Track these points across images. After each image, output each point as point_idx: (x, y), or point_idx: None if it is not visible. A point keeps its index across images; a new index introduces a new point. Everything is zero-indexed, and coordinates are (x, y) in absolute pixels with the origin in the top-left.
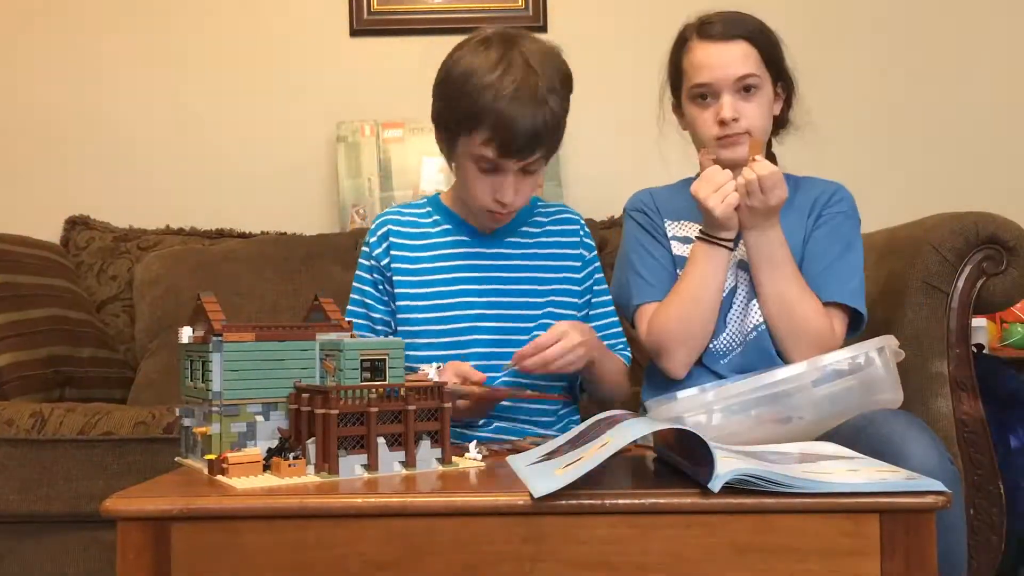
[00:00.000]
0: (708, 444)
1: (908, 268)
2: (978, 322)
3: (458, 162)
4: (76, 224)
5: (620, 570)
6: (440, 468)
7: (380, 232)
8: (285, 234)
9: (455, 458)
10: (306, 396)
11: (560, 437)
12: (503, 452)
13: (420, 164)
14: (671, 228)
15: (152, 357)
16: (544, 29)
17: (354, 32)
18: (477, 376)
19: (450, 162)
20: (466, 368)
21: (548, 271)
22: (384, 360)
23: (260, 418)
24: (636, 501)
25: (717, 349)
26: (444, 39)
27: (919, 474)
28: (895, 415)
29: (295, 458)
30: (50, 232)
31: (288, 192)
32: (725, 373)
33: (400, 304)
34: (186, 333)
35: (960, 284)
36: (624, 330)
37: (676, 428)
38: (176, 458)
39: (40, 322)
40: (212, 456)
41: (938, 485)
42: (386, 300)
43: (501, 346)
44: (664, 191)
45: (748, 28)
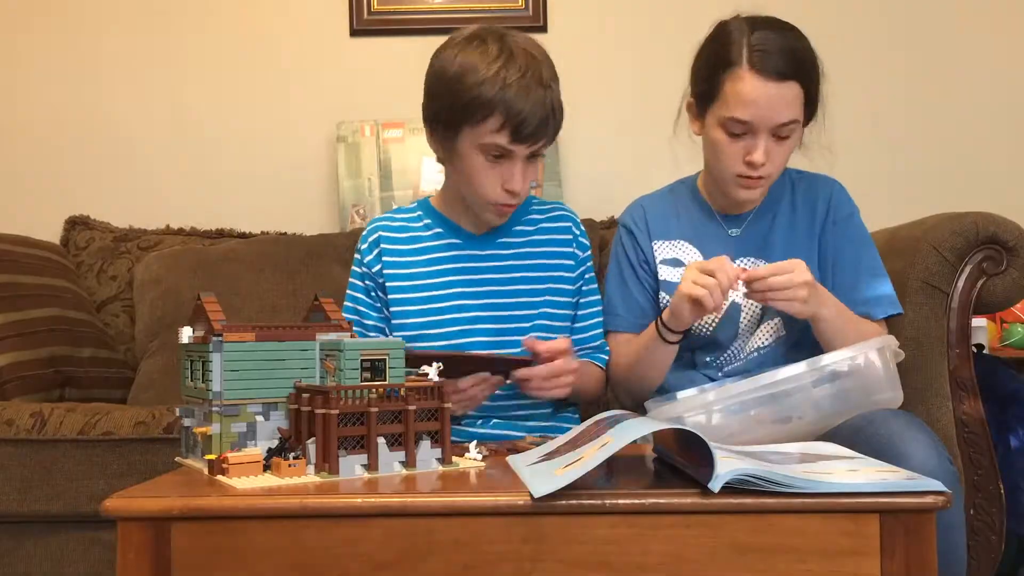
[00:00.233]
0: (708, 444)
1: (908, 268)
2: (978, 322)
3: (461, 157)
4: (76, 224)
5: (620, 570)
6: (440, 468)
7: (371, 239)
8: (285, 234)
9: (455, 458)
10: (306, 396)
11: (560, 437)
12: (503, 452)
13: (420, 164)
14: (660, 250)
15: (152, 357)
16: (544, 29)
17: (354, 32)
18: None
19: (445, 162)
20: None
21: (542, 270)
22: (384, 360)
23: (260, 418)
24: (636, 501)
25: (718, 363)
26: (444, 39)
27: (919, 474)
28: (895, 415)
29: (295, 458)
30: (50, 232)
31: (288, 192)
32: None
33: (394, 310)
34: (186, 333)
35: (960, 284)
36: None
37: (676, 428)
38: (176, 458)
39: (40, 322)
40: (212, 456)
41: (938, 485)
42: (379, 307)
43: (497, 347)
44: (659, 203)
45: (804, 66)
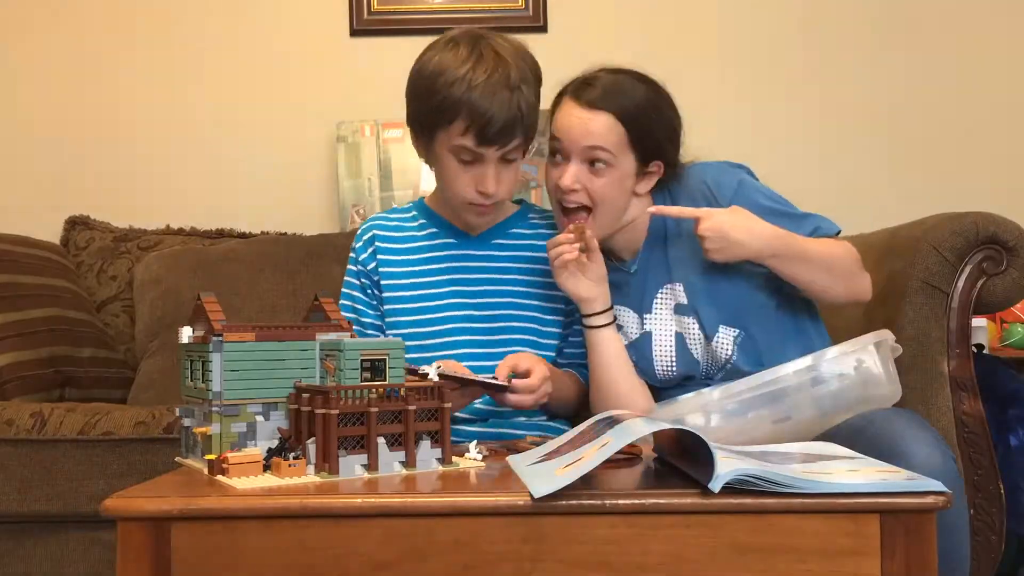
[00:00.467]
0: (708, 444)
1: (908, 268)
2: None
3: (437, 159)
4: (76, 224)
5: (620, 570)
6: (440, 468)
7: (365, 238)
8: (285, 234)
9: (455, 458)
10: (306, 396)
11: (560, 437)
12: (503, 452)
13: (420, 164)
14: None
15: (152, 357)
16: (544, 29)
17: (354, 32)
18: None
19: (429, 163)
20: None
21: (536, 274)
22: (384, 360)
23: (260, 418)
24: (636, 501)
25: (699, 380)
26: None
27: (921, 474)
28: (897, 414)
29: (295, 458)
30: (50, 232)
31: (288, 192)
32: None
33: (388, 308)
34: (186, 333)
35: (960, 284)
36: None
37: (676, 428)
38: (176, 458)
39: (40, 322)
40: (212, 456)
41: (938, 485)
42: (375, 304)
43: (490, 347)
44: None
45: (620, 103)
